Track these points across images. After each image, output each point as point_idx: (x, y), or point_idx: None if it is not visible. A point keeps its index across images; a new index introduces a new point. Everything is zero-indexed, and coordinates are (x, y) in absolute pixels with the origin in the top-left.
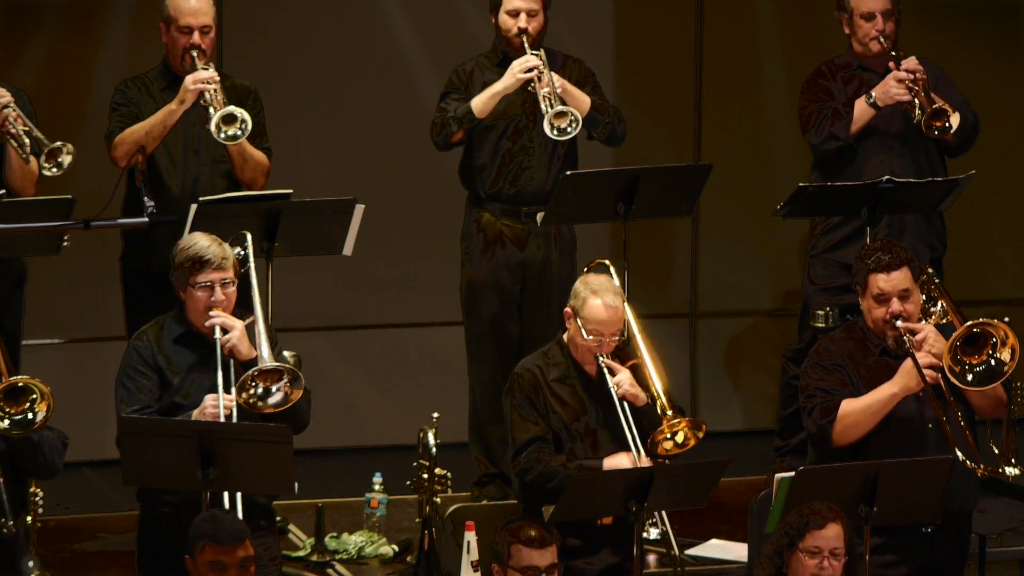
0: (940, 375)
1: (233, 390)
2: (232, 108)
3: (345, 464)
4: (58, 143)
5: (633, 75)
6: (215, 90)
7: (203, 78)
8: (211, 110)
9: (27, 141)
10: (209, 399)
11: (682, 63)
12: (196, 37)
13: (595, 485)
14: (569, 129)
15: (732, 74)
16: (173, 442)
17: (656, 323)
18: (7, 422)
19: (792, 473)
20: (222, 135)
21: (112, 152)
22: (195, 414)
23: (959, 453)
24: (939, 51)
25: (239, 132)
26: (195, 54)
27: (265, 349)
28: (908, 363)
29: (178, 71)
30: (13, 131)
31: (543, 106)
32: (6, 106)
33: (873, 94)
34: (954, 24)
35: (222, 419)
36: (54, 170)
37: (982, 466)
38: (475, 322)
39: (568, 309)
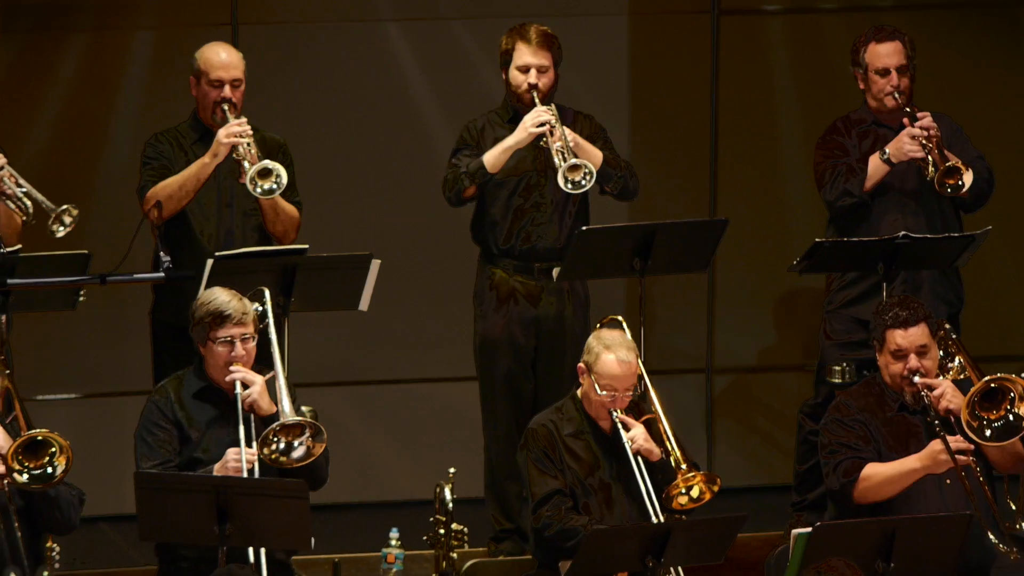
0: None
1: (255, 444)
2: (267, 162)
3: (362, 519)
4: (65, 206)
5: (649, 130)
6: (248, 143)
7: (236, 131)
8: (245, 164)
9: (28, 203)
10: (231, 453)
11: (698, 118)
12: (227, 91)
13: (612, 540)
14: (583, 182)
15: (748, 129)
16: (190, 497)
17: (672, 378)
18: (26, 476)
19: (809, 529)
20: (257, 189)
21: (144, 207)
22: (217, 468)
23: (991, 537)
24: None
25: (274, 186)
26: (226, 107)
27: (287, 403)
28: (938, 445)
29: (209, 124)
30: (10, 192)
31: (556, 159)
32: (1, 168)
33: (887, 150)
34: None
35: (244, 473)
36: (62, 231)
37: (1015, 550)
38: (489, 379)
39: (582, 364)
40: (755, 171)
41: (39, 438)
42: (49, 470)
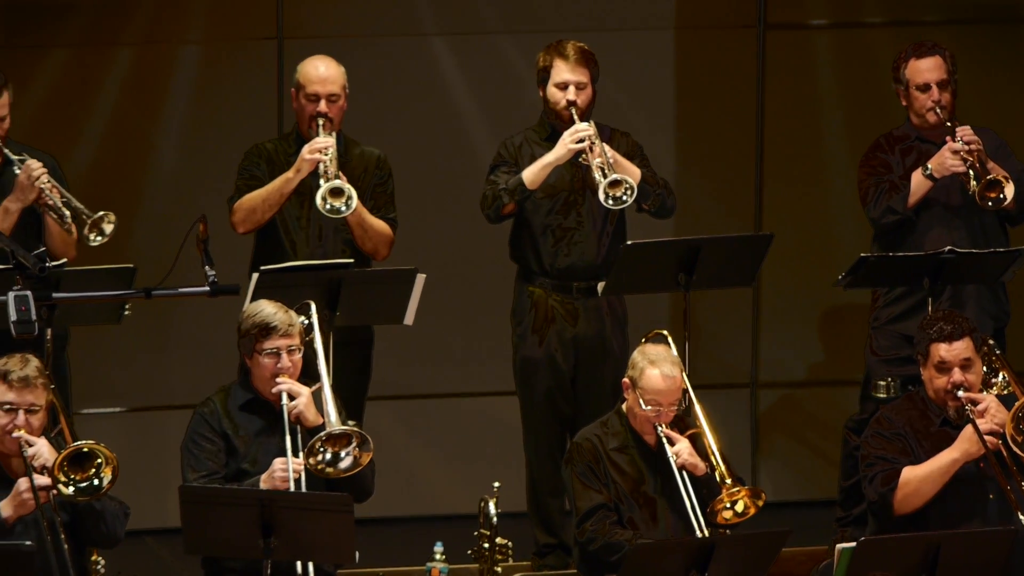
0: (1002, 443)
1: (301, 455)
2: (338, 183)
3: (406, 533)
4: (100, 213)
5: (694, 144)
6: (330, 160)
7: (319, 147)
8: (321, 181)
9: (67, 212)
10: (278, 463)
11: (743, 132)
12: (323, 105)
13: (657, 555)
14: (625, 197)
15: (793, 144)
16: (234, 511)
17: (717, 393)
18: (71, 489)
19: (853, 543)
20: (326, 207)
21: (231, 217)
22: (263, 479)
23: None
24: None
25: (343, 207)
26: (320, 122)
27: (333, 414)
28: (968, 429)
29: (306, 138)
30: (51, 203)
31: (597, 175)
32: (39, 177)
33: (929, 166)
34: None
35: (291, 484)
36: (99, 239)
37: None
38: (529, 398)
39: (626, 380)
40: (800, 186)
41: (85, 450)
42: (96, 482)
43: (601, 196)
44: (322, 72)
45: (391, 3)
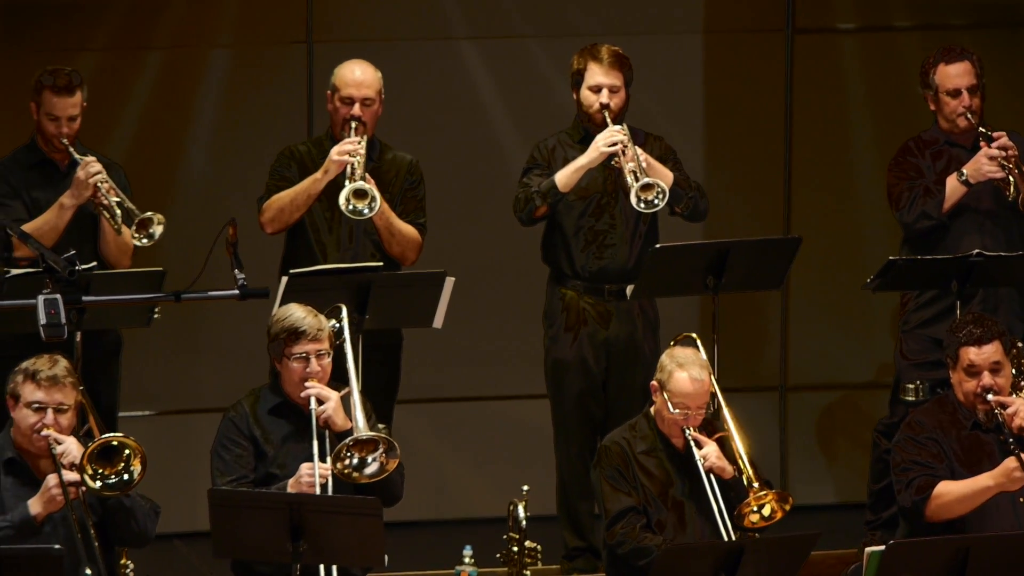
0: None
1: (328, 460)
2: (362, 184)
3: (435, 537)
4: (148, 213)
5: (723, 147)
6: (358, 163)
7: (348, 150)
8: (346, 182)
9: (118, 212)
10: (305, 468)
11: (772, 136)
12: (357, 109)
13: (686, 558)
14: (656, 201)
15: (822, 147)
16: (263, 514)
17: (746, 396)
18: (99, 483)
19: (882, 547)
20: (349, 207)
21: (260, 216)
22: (290, 483)
23: None
24: None
25: (365, 209)
26: (354, 125)
27: (361, 420)
28: (1011, 462)
29: (339, 140)
30: (105, 202)
31: (629, 179)
32: (96, 174)
33: (964, 171)
34: None
35: (317, 489)
36: (145, 240)
37: None
38: (560, 400)
39: (654, 382)
40: (829, 189)
41: (114, 443)
42: (125, 476)
43: (633, 200)
44: (358, 76)
45: (421, 7)
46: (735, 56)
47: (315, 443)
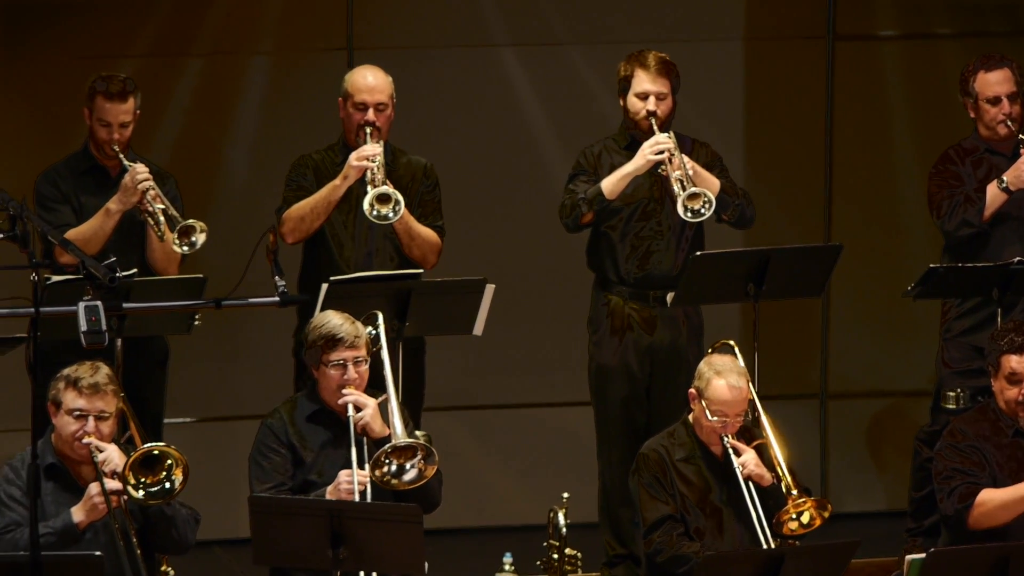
0: None
1: (367, 466)
2: (386, 189)
3: (475, 544)
4: (191, 221)
5: (763, 155)
6: (377, 168)
7: (366, 155)
8: (369, 188)
9: (162, 219)
10: (343, 476)
11: (812, 143)
12: (371, 114)
13: (726, 566)
14: (703, 210)
15: (863, 154)
16: (303, 521)
17: (787, 404)
18: (142, 492)
19: (923, 555)
20: (374, 213)
21: (279, 228)
22: (329, 491)
23: None
24: None
25: (390, 214)
26: (368, 131)
27: (399, 426)
28: None
29: (353, 147)
30: (150, 209)
31: (676, 188)
32: (144, 180)
33: (1004, 179)
34: None
35: (356, 496)
36: (186, 248)
37: None
38: (604, 406)
39: (692, 390)
40: (870, 196)
41: (155, 452)
42: (167, 485)
43: (680, 209)
44: (370, 81)
45: (461, 14)
46: (776, 63)
47: (353, 450)
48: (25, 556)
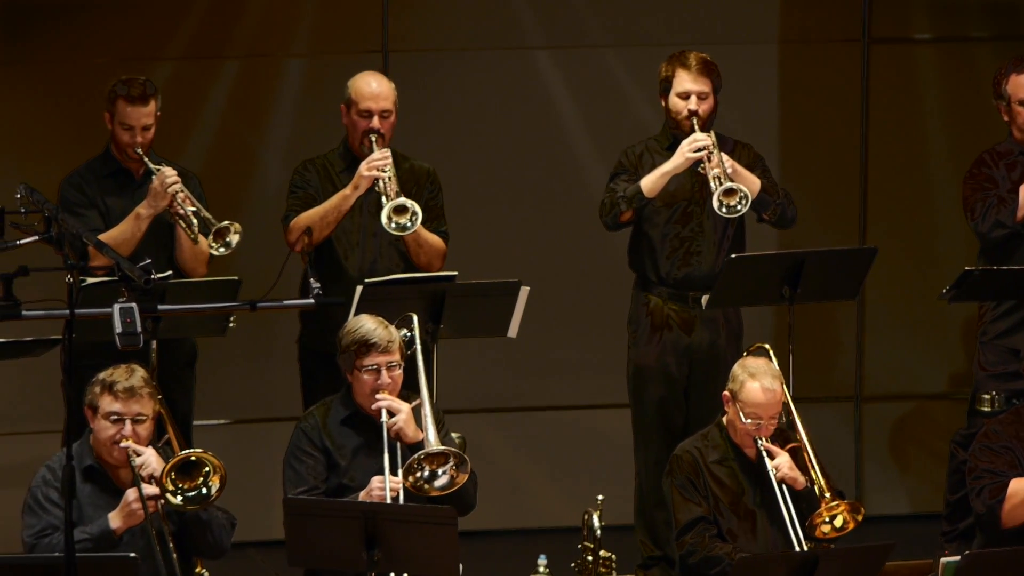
0: None
1: (400, 472)
2: (403, 200)
3: (510, 546)
4: (225, 222)
5: (798, 158)
6: (389, 177)
7: (377, 164)
8: (383, 199)
9: (195, 221)
10: (376, 481)
11: (847, 146)
12: (375, 121)
13: (760, 569)
14: (739, 207)
15: (898, 157)
16: (338, 523)
17: (822, 406)
18: (180, 498)
19: (958, 557)
20: (392, 225)
21: (287, 236)
22: (362, 495)
23: None
24: None
25: (408, 223)
26: (373, 138)
27: (432, 432)
28: None
29: (357, 154)
30: (181, 212)
31: (712, 185)
32: (173, 184)
33: None
34: None
35: (388, 501)
36: (222, 250)
37: None
38: (642, 406)
39: (726, 392)
40: (905, 199)
41: (193, 459)
42: (204, 491)
43: (715, 204)
44: (375, 88)
45: (496, 17)
46: (810, 66)
47: (386, 455)
48: (61, 557)
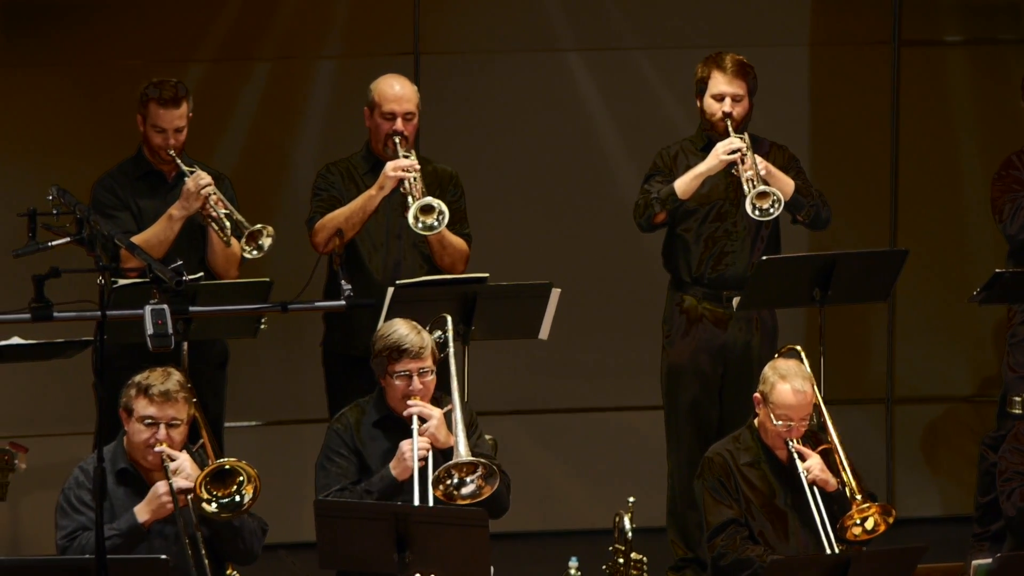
0: None
1: (427, 438)
2: (430, 199)
3: (541, 548)
4: (258, 226)
5: (829, 160)
6: (415, 178)
7: (403, 165)
8: (409, 199)
9: (227, 224)
10: (405, 445)
11: (878, 148)
12: (399, 123)
13: (792, 571)
14: (772, 210)
15: (928, 159)
16: (369, 525)
17: (853, 408)
18: (214, 505)
19: (990, 560)
20: (419, 225)
21: (313, 238)
22: (392, 464)
23: None
24: None
25: (436, 223)
26: (397, 140)
27: (462, 442)
28: None
29: (380, 156)
30: (214, 214)
31: (746, 187)
32: (206, 186)
33: None
34: None
35: (416, 465)
36: (254, 253)
37: None
38: (675, 406)
39: (757, 394)
40: (936, 201)
41: (227, 467)
42: (237, 498)
43: (748, 207)
44: (398, 91)
45: (527, 19)
46: (841, 68)
47: (416, 457)
48: (91, 558)
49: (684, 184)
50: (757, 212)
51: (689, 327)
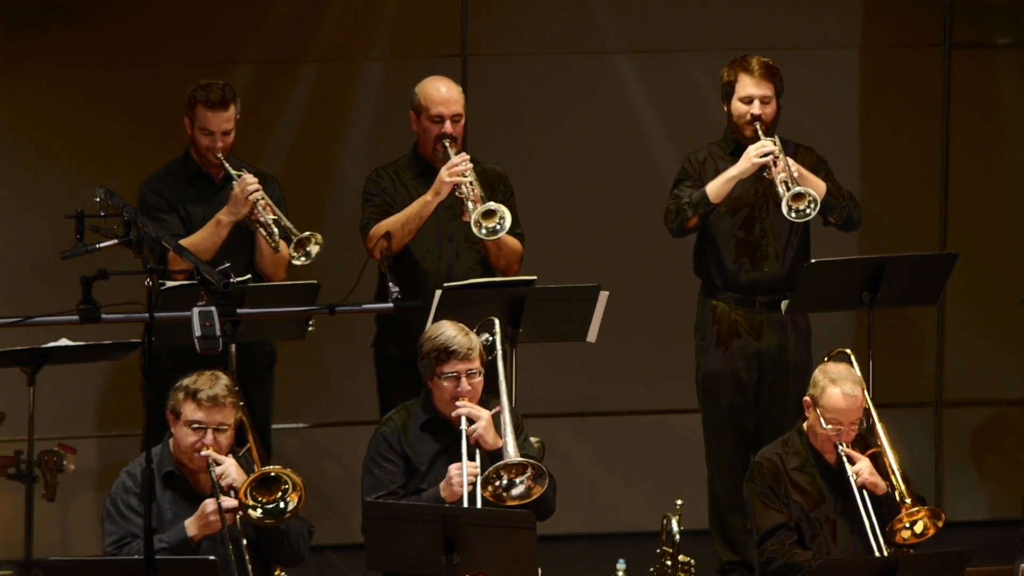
0: None
1: (477, 457)
2: (491, 204)
3: (588, 550)
4: (307, 233)
5: (879, 163)
6: (471, 182)
7: (459, 170)
8: (469, 204)
9: (276, 230)
10: (453, 469)
11: (928, 151)
12: (448, 126)
13: (839, 573)
14: (808, 211)
15: (979, 162)
16: (417, 527)
17: (901, 412)
18: (259, 511)
19: None
20: (482, 231)
21: (368, 244)
22: (441, 486)
23: None
24: None
25: (498, 227)
26: (447, 143)
27: (511, 443)
28: None
29: (429, 159)
30: (262, 219)
31: (780, 189)
32: (254, 191)
33: None
34: None
35: (466, 488)
36: (302, 259)
37: None
38: (712, 412)
39: (807, 398)
40: (986, 204)
41: (272, 474)
42: (281, 505)
43: (784, 209)
44: (444, 93)
45: (575, 21)
46: (891, 71)
47: (464, 460)
48: (140, 560)
49: (716, 188)
50: (794, 214)
51: (722, 335)
